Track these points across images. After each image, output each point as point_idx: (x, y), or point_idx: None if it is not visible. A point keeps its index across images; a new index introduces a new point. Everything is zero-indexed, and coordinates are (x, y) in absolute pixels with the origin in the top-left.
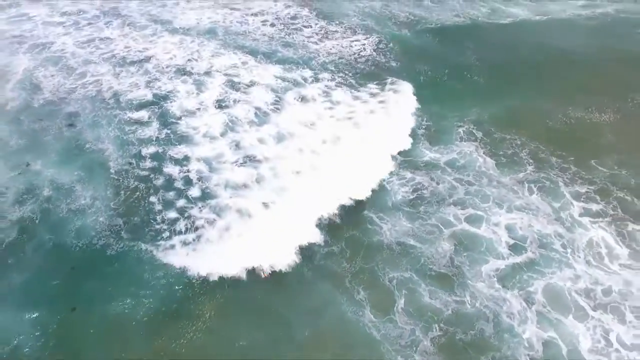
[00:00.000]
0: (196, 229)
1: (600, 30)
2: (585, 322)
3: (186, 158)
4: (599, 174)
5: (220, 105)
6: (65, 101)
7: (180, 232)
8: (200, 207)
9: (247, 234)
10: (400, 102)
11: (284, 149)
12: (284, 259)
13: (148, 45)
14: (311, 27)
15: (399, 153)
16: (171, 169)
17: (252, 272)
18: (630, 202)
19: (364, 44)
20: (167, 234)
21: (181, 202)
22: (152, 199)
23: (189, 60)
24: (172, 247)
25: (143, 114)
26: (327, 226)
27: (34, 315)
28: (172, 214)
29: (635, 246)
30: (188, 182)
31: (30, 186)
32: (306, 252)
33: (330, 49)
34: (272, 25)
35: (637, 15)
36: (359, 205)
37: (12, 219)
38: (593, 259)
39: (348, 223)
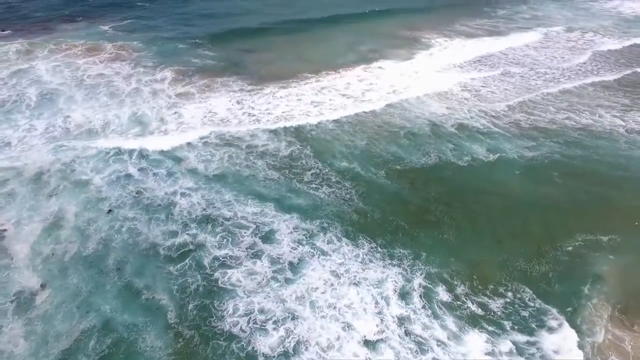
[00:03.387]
0: None
1: (531, 173)
2: None
3: (231, 314)
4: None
5: (253, 255)
6: (108, 247)
7: None
8: None
9: None
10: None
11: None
12: None
13: (168, 189)
14: (311, 170)
15: None
16: (223, 325)
17: None
18: None
19: (352, 193)
20: None
21: None
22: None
23: (212, 208)
24: None
25: (184, 264)
26: None
27: None
28: None
29: None
30: (235, 338)
31: (105, 330)
32: None
33: (329, 196)
34: (277, 169)
35: (576, 161)
36: None
37: None
38: None
39: None
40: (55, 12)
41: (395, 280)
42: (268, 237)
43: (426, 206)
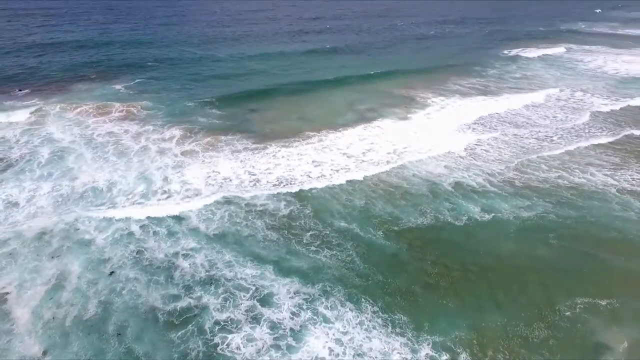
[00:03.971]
0: None
1: (527, 233)
2: None
3: None
4: None
5: (252, 319)
6: (109, 311)
7: None
8: None
9: None
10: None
11: None
12: None
13: (169, 251)
14: (310, 230)
15: None
16: None
17: None
18: None
19: (352, 255)
20: None
21: None
22: None
23: (215, 269)
24: None
25: (187, 330)
26: None
27: None
28: None
29: None
30: None
31: None
32: None
33: (330, 259)
34: (277, 229)
35: (570, 221)
36: None
37: None
38: None
39: None
40: (72, 72)
41: (400, 352)
42: (267, 301)
43: (424, 268)
